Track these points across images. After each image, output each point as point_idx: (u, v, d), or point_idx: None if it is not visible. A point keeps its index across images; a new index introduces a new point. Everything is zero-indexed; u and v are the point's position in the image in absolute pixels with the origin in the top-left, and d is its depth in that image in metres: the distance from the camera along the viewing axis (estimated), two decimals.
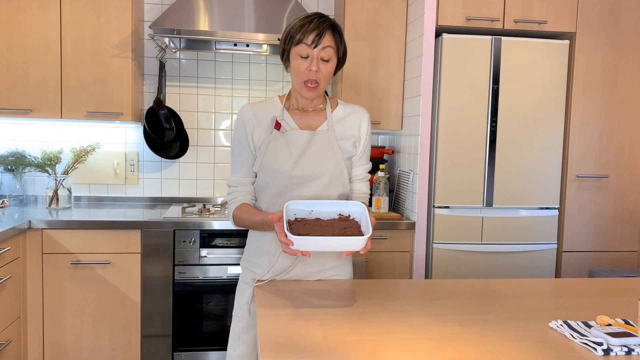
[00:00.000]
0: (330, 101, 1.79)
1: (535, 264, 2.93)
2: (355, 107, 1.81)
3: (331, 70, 1.66)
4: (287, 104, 1.77)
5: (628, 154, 2.99)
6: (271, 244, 1.74)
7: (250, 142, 1.73)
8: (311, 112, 1.76)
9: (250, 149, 1.74)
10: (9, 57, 2.88)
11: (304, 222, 1.51)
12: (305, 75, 1.63)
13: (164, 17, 2.85)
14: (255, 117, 1.73)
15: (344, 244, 1.41)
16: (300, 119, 1.74)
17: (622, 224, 3.02)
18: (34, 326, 2.66)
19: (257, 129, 1.72)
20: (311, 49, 1.61)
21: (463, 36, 2.81)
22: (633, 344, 1.22)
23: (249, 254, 1.81)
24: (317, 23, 1.62)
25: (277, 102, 1.76)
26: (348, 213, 1.56)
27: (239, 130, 1.74)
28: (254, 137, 1.73)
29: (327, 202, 1.55)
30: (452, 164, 2.84)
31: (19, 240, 2.55)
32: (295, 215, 1.53)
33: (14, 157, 3.11)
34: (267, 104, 1.76)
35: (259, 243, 1.77)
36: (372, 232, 1.47)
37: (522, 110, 2.86)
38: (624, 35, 2.94)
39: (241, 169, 1.75)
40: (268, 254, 1.75)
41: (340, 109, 1.78)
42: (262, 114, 1.73)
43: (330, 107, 1.78)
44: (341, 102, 1.81)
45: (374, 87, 3.09)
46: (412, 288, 1.73)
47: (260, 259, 1.76)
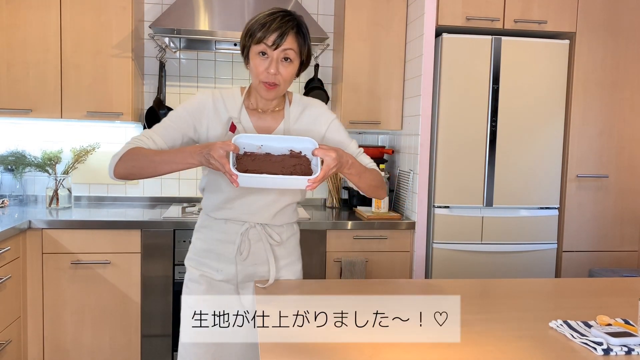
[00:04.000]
0: (287, 97, 1.71)
1: (535, 264, 2.93)
2: (308, 101, 1.72)
3: (292, 72, 1.57)
4: (247, 101, 1.67)
5: (628, 154, 2.99)
6: (220, 245, 1.68)
7: (192, 129, 1.62)
8: (269, 113, 1.67)
9: (187, 132, 1.62)
10: (9, 57, 2.87)
11: (253, 157, 1.46)
12: (264, 76, 1.54)
13: (164, 17, 2.85)
14: (214, 110, 1.64)
15: (289, 183, 1.41)
16: (258, 121, 1.66)
17: (622, 224, 3.02)
18: (34, 326, 2.66)
19: (212, 124, 1.63)
20: (271, 50, 1.52)
21: (463, 36, 2.81)
22: (633, 344, 1.22)
23: (196, 253, 1.73)
24: (279, 22, 1.52)
25: (237, 97, 1.67)
26: (299, 149, 1.49)
27: (190, 110, 1.62)
28: (206, 128, 1.63)
29: (279, 137, 1.48)
30: (452, 164, 2.84)
31: (19, 240, 2.55)
32: (245, 150, 1.47)
33: (14, 157, 3.11)
34: (228, 98, 1.66)
35: (206, 243, 1.71)
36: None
37: (522, 110, 2.86)
38: (624, 35, 2.94)
39: (163, 135, 1.60)
40: (217, 253, 1.68)
41: (295, 107, 1.70)
42: (222, 108, 1.64)
43: (289, 106, 1.69)
44: (296, 96, 1.72)
45: (374, 87, 3.09)
46: (412, 288, 1.73)
47: (209, 259, 1.69)
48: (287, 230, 1.75)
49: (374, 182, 1.68)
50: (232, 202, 1.66)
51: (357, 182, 1.64)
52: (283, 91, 1.60)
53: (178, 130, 1.61)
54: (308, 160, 1.47)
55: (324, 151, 1.43)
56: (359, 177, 1.61)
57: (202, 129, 1.63)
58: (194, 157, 1.46)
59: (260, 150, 1.48)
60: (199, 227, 1.77)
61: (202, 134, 1.64)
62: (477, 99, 2.83)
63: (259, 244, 1.68)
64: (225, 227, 1.69)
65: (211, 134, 1.64)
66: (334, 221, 2.84)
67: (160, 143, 1.59)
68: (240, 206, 1.66)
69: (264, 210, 1.67)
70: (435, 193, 2.85)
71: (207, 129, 1.63)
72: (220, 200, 1.67)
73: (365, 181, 1.65)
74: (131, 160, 1.53)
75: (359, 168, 1.60)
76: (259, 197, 1.65)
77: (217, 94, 1.66)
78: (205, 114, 1.63)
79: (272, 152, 1.48)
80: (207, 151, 1.41)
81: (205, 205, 1.73)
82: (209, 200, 1.71)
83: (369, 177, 1.65)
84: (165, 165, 1.50)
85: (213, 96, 1.65)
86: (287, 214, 1.74)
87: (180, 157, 1.49)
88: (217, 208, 1.68)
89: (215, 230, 1.70)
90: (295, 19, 1.55)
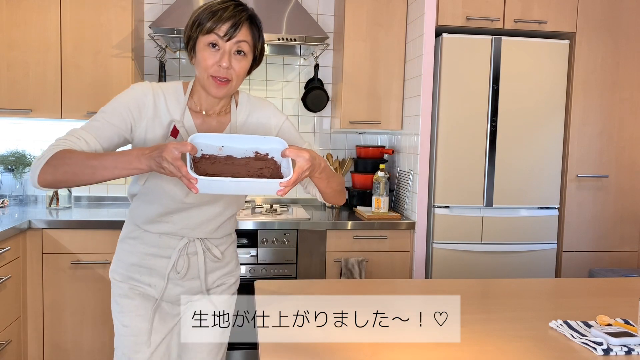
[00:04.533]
0: (234, 98, 1.54)
1: (535, 264, 2.93)
2: (256, 102, 1.56)
3: (245, 68, 1.42)
4: (190, 101, 1.49)
5: (628, 154, 2.99)
6: (152, 260, 1.53)
7: (129, 129, 1.42)
8: (214, 116, 1.49)
9: (123, 132, 1.41)
10: (9, 57, 2.87)
11: (213, 160, 1.28)
12: (214, 70, 1.37)
13: (164, 17, 2.85)
14: (155, 108, 1.44)
15: (257, 187, 1.23)
16: (202, 125, 1.47)
17: (622, 224, 3.02)
18: (34, 326, 2.66)
19: (151, 125, 1.43)
20: (223, 42, 1.37)
21: (463, 36, 2.81)
22: (633, 344, 1.22)
23: (123, 267, 1.55)
24: (233, 12, 1.37)
25: (180, 95, 1.48)
26: (266, 151, 1.33)
27: (129, 105, 1.41)
28: (144, 130, 1.43)
29: (242, 136, 1.32)
30: (452, 163, 2.84)
31: (19, 240, 2.55)
32: (203, 152, 1.28)
33: (14, 157, 3.11)
34: (170, 95, 1.47)
35: (135, 256, 1.53)
36: None
37: (522, 110, 2.86)
38: (624, 35, 2.94)
39: (97, 135, 1.38)
40: (149, 268, 1.53)
41: (242, 109, 1.53)
42: (163, 107, 1.44)
43: (235, 108, 1.53)
44: (243, 96, 1.55)
45: (374, 87, 3.09)
46: (412, 288, 1.73)
47: (139, 274, 1.54)
48: (226, 241, 1.63)
49: (339, 186, 1.56)
50: (170, 215, 1.49)
51: (325, 188, 1.50)
52: (234, 89, 1.44)
53: (114, 128, 1.39)
54: (276, 163, 1.32)
55: (296, 151, 1.28)
56: (327, 182, 1.47)
57: (139, 129, 1.43)
58: (141, 160, 1.23)
59: (221, 153, 1.30)
60: (125, 237, 1.58)
61: (138, 136, 1.43)
62: (477, 99, 2.83)
63: (194, 258, 1.55)
64: (158, 241, 1.53)
65: (149, 137, 1.43)
66: (334, 221, 2.84)
67: (93, 144, 1.36)
68: (180, 220, 1.50)
69: (207, 224, 1.53)
70: (435, 193, 2.85)
71: (145, 131, 1.42)
72: (156, 213, 1.49)
73: (332, 186, 1.51)
74: (61, 165, 1.28)
75: (329, 172, 1.46)
76: (202, 210, 1.51)
77: (158, 89, 1.46)
78: (144, 112, 1.43)
79: (235, 155, 1.31)
80: (158, 153, 1.20)
81: (135, 215, 1.54)
82: (142, 210, 1.52)
83: (335, 181, 1.52)
84: (105, 171, 1.27)
85: (153, 91, 1.45)
86: (229, 225, 1.62)
87: (124, 161, 1.26)
88: (150, 221, 1.51)
89: (147, 243, 1.53)
90: (248, 9, 1.42)
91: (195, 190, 1.18)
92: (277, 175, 1.30)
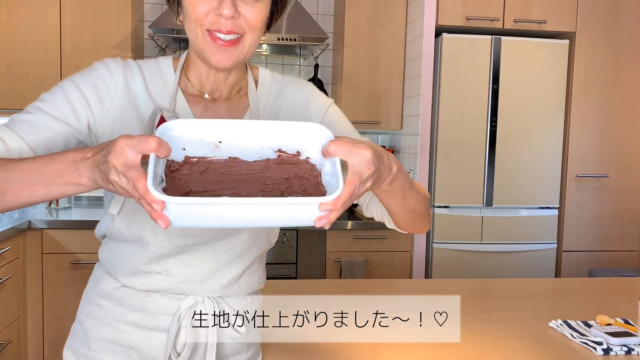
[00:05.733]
0: (252, 74, 1.01)
1: (535, 264, 2.93)
2: (287, 80, 1.03)
3: (263, 15, 0.88)
4: (183, 81, 0.96)
5: (628, 154, 2.99)
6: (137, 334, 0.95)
7: (85, 125, 0.90)
8: (222, 101, 0.97)
9: (75, 130, 0.89)
10: (9, 57, 2.87)
11: (205, 165, 0.75)
12: (211, 21, 0.85)
13: (164, 17, 2.85)
14: (126, 93, 0.92)
15: (278, 214, 0.68)
16: (205, 115, 0.96)
17: (622, 224, 3.01)
18: (34, 326, 2.66)
19: (121, 118, 0.91)
20: None
21: (463, 36, 2.81)
22: (633, 344, 1.22)
23: (86, 344, 0.98)
24: None
25: (167, 73, 0.96)
26: (297, 148, 0.77)
27: (85, 88, 0.90)
28: (111, 125, 0.91)
29: (256, 123, 0.77)
30: (452, 163, 2.84)
31: (19, 240, 2.55)
32: (185, 151, 0.75)
33: None
34: (154, 74, 0.95)
35: (108, 328, 0.96)
36: None
37: (522, 110, 2.86)
38: (624, 35, 2.94)
39: (27, 133, 0.86)
40: (129, 347, 0.95)
41: (265, 90, 1.00)
42: (141, 92, 0.93)
43: (255, 89, 0.99)
44: (265, 73, 1.02)
45: (374, 87, 3.09)
46: (412, 288, 1.73)
47: (113, 356, 0.96)
48: (254, 302, 1.04)
49: (421, 204, 0.97)
50: (164, 261, 0.94)
51: (398, 207, 0.92)
52: (249, 51, 0.90)
53: (57, 125, 0.88)
54: (313, 168, 0.77)
55: (348, 147, 0.73)
56: (403, 197, 0.89)
57: (101, 127, 0.91)
58: (79, 170, 0.73)
59: (219, 153, 0.76)
60: (92, 294, 1.01)
61: (102, 136, 0.91)
62: (477, 99, 2.83)
63: (203, 333, 0.96)
64: (145, 304, 0.96)
65: (104, 129, 0.92)
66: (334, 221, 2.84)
67: (17, 148, 0.85)
68: (180, 268, 0.94)
69: (224, 271, 0.97)
70: (435, 193, 2.85)
71: (112, 129, 0.91)
72: (141, 258, 0.93)
73: (410, 204, 0.93)
74: None
75: (405, 181, 0.87)
76: (215, 249, 0.95)
77: (133, 66, 0.94)
78: (109, 100, 0.91)
79: (243, 156, 0.77)
80: (102, 157, 0.69)
81: (107, 260, 0.99)
82: (119, 255, 0.96)
83: (415, 196, 0.94)
84: (24, 190, 0.77)
85: (125, 70, 0.93)
86: (259, 272, 1.04)
87: (53, 171, 0.75)
88: (133, 271, 0.94)
89: (127, 306, 0.96)
90: None
91: (163, 224, 0.65)
92: (315, 189, 0.75)
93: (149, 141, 0.66)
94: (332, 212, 0.69)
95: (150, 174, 0.65)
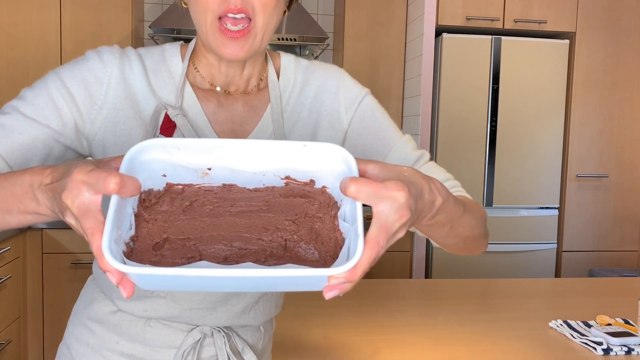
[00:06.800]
0: (272, 62, 0.88)
1: (535, 264, 2.93)
2: (313, 67, 0.90)
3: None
4: (192, 73, 0.84)
5: (628, 154, 2.99)
6: None
7: (72, 128, 0.77)
8: (239, 95, 0.84)
9: (59, 135, 0.76)
10: (9, 57, 2.87)
11: (191, 199, 0.59)
12: (219, 6, 0.73)
13: (164, 17, 2.85)
14: (123, 87, 0.79)
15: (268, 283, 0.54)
16: (218, 112, 0.82)
17: (622, 224, 3.02)
18: (34, 326, 2.66)
19: (115, 119, 0.78)
20: None
21: (463, 36, 2.81)
22: (633, 344, 1.22)
23: None
24: None
25: (174, 63, 0.84)
26: (310, 175, 0.59)
27: (66, 84, 0.78)
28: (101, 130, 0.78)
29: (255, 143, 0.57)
30: (452, 163, 2.84)
31: (19, 240, 2.55)
32: (167, 178, 0.58)
33: None
34: (157, 64, 0.83)
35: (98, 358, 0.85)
36: None
37: (522, 110, 2.86)
38: (624, 35, 2.94)
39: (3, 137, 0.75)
40: None
41: (288, 79, 0.87)
42: (141, 86, 0.80)
43: (277, 79, 0.86)
44: (288, 58, 0.90)
45: (374, 87, 3.08)
46: (412, 288, 1.73)
47: None
48: (267, 332, 0.94)
49: (475, 229, 0.80)
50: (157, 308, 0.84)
51: (444, 238, 0.74)
52: (264, 39, 0.78)
53: (36, 129, 0.76)
54: (330, 201, 0.59)
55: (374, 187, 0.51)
56: (450, 227, 0.69)
57: (94, 127, 0.78)
58: (37, 196, 0.58)
59: (209, 180, 0.59)
60: (82, 315, 0.89)
61: (94, 140, 0.80)
62: (477, 99, 2.83)
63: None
64: (144, 334, 0.84)
65: (112, 144, 0.80)
66: None
67: None
68: (186, 293, 0.83)
69: (236, 299, 0.85)
70: None
71: (104, 132, 0.79)
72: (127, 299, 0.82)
73: (460, 233, 0.74)
74: None
75: (452, 210, 0.65)
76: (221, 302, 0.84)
77: (132, 56, 0.83)
78: (101, 97, 0.78)
79: (239, 184, 0.60)
80: (60, 186, 0.54)
81: (103, 277, 0.88)
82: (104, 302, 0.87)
83: (468, 222, 0.74)
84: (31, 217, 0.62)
85: (122, 60, 0.81)
86: (275, 299, 0.92)
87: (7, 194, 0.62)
88: (134, 296, 0.83)
89: (124, 335, 0.85)
90: None
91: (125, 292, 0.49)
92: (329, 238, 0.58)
93: (108, 180, 0.49)
94: (346, 283, 0.53)
95: (108, 226, 0.49)
